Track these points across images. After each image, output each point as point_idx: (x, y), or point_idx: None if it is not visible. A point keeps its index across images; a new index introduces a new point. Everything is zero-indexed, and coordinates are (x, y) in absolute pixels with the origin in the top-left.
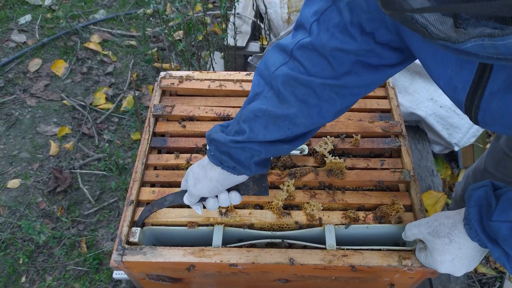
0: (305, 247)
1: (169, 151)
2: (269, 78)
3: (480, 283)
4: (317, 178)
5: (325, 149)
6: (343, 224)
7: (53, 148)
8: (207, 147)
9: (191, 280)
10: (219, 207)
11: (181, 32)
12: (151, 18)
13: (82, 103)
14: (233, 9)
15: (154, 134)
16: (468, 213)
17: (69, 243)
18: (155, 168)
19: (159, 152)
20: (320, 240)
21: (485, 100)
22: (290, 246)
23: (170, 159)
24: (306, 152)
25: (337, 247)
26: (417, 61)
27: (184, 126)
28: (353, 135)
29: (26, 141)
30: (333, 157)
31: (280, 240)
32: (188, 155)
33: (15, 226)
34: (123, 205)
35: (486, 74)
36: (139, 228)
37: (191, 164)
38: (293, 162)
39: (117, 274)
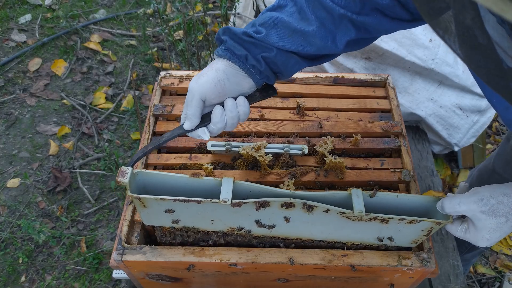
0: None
1: (169, 150)
2: None
3: (480, 283)
4: (317, 178)
5: (325, 149)
6: (370, 190)
7: (53, 147)
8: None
9: (191, 280)
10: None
11: (181, 32)
12: (151, 18)
13: (82, 102)
14: (233, 9)
15: (154, 133)
16: None
17: (69, 242)
18: (155, 167)
19: (159, 151)
20: (344, 207)
21: None
22: (310, 208)
23: (170, 158)
24: (306, 152)
25: (366, 213)
26: (417, 61)
27: None
28: (353, 135)
29: (26, 141)
30: (333, 157)
31: (300, 201)
32: (188, 154)
33: (14, 226)
34: (122, 205)
35: None
36: (130, 168)
37: (191, 163)
38: (293, 162)
39: (117, 274)
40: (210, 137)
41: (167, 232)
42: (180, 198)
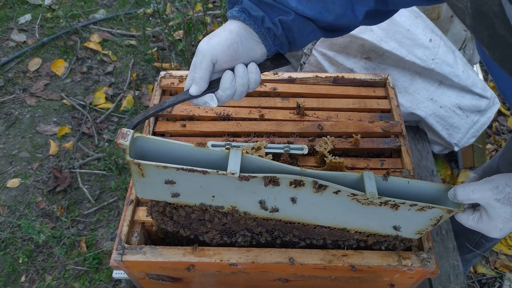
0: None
1: None
2: None
3: (480, 283)
4: None
5: (325, 149)
6: (382, 174)
7: (53, 147)
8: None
9: (191, 280)
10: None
11: (181, 31)
12: (151, 18)
13: (82, 102)
14: None
15: (154, 133)
16: None
17: (69, 242)
18: None
19: None
20: (355, 189)
21: None
22: (321, 188)
23: None
24: (306, 152)
25: (378, 196)
26: (417, 61)
27: (184, 126)
28: (353, 135)
29: (26, 141)
30: (333, 156)
31: (311, 180)
32: None
33: (14, 226)
34: (122, 205)
35: None
36: (131, 130)
37: None
38: (293, 162)
39: (117, 274)
40: (217, 105)
41: (160, 207)
42: (185, 167)
